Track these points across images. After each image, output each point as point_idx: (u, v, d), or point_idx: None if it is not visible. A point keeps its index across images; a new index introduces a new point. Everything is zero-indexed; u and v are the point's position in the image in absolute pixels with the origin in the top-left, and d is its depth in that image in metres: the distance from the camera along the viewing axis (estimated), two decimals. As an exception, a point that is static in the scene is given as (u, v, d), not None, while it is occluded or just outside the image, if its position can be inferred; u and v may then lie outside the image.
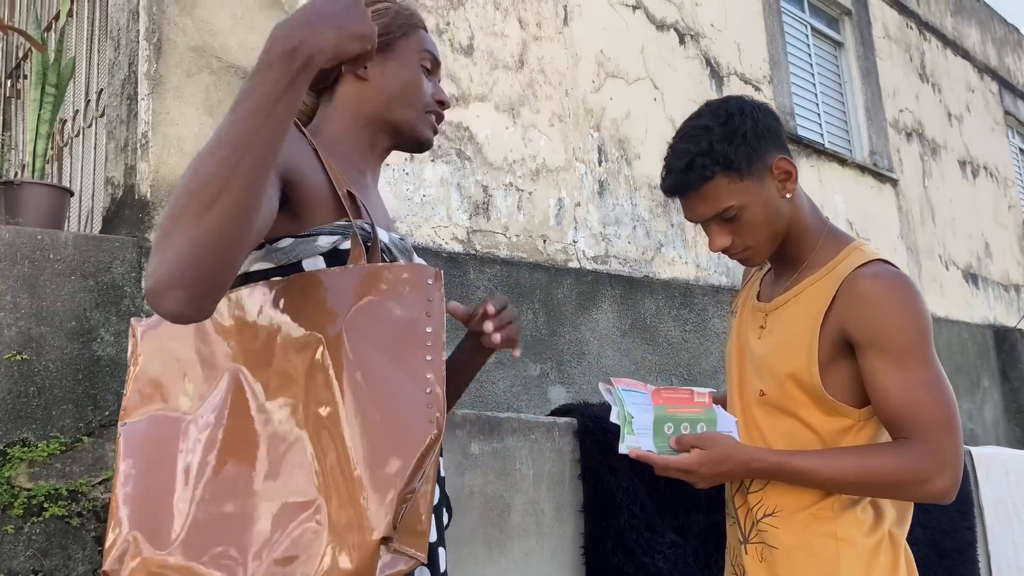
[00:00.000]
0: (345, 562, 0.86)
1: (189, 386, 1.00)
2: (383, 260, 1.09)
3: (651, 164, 3.78)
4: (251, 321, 0.99)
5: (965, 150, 6.61)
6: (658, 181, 3.76)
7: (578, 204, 3.43)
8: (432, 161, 2.95)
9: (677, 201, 1.45)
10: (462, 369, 1.29)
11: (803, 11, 5.38)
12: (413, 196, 2.88)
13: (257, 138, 0.84)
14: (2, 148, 2.27)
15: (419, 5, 3.02)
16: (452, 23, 3.13)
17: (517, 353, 1.22)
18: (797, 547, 1.36)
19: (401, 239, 1.19)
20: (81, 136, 2.84)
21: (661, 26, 4.04)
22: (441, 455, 1.18)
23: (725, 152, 1.34)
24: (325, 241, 1.04)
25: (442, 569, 1.14)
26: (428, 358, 0.96)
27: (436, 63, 1.26)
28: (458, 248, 2.96)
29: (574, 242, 3.38)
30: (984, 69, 7.25)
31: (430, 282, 1.00)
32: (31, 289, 1.97)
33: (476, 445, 1.84)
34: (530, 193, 3.26)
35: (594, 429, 2.09)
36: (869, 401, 1.34)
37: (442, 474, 1.19)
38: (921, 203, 5.82)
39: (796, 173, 1.40)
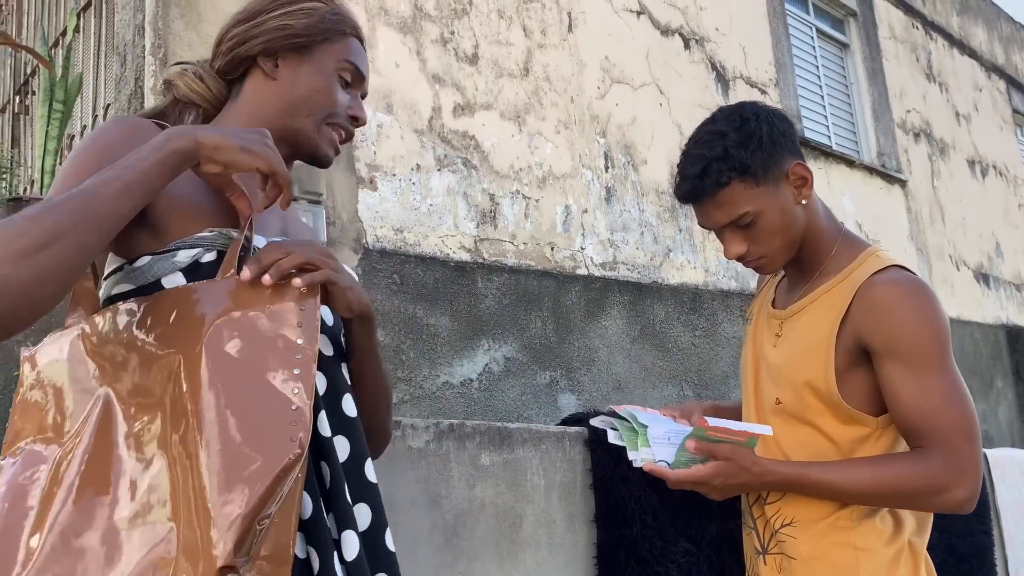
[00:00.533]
0: None
1: (64, 412, 0.96)
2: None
3: (658, 169, 3.77)
4: (116, 342, 0.95)
5: (974, 149, 6.58)
6: (665, 186, 3.77)
7: (585, 211, 3.43)
8: (438, 170, 2.95)
9: (686, 206, 1.43)
10: (353, 360, 1.15)
11: (808, 13, 5.36)
12: (420, 206, 2.87)
13: (103, 206, 0.85)
14: (11, 164, 2.28)
15: (423, 15, 3.03)
16: (457, 32, 3.13)
17: (298, 282, 0.96)
18: (816, 558, 1.34)
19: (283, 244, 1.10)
20: (89, 151, 2.86)
21: (666, 31, 4.03)
22: (364, 459, 1.09)
23: (741, 157, 1.32)
24: (184, 256, 0.99)
25: None
26: (296, 371, 0.91)
27: (359, 76, 1.17)
28: (465, 257, 2.96)
29: (582, 249, 3.37)
30: (991, 68, 7.21)
31: (303, 289, 0.95)
32: (40, 306, 1.97)
33: (486, 456, 1.83)
34: (537, 201, 3.25)
35: (605, 438, 2.08)
36: (887, 409, 1.33)
37: (372, 480, 1.10)
38: (930, 203, 5.79)
39: (812, 179, 1.38)
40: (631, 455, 1.35)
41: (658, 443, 1.33)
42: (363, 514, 1.08)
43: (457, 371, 2.80)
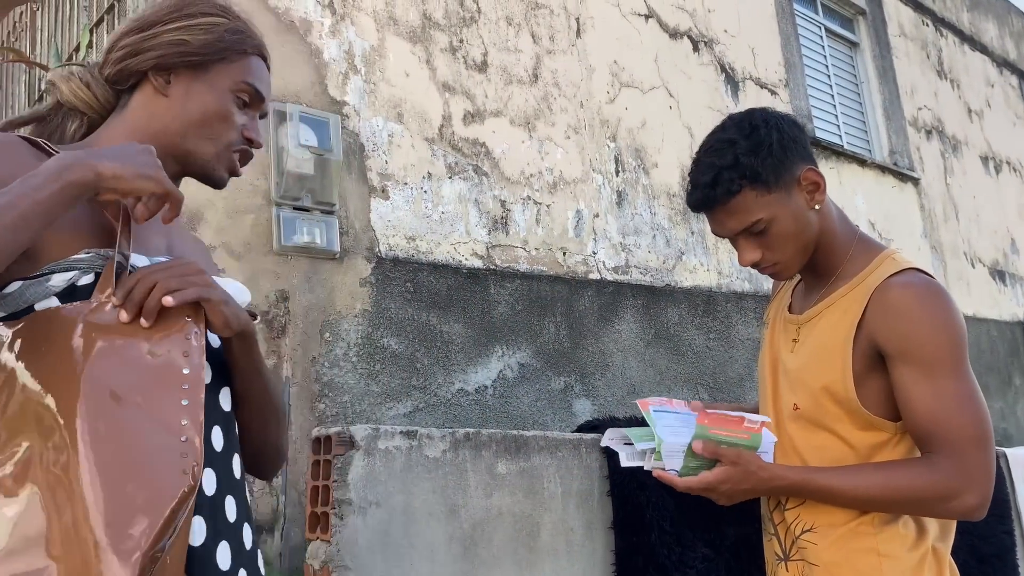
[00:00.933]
0: None
1: None
2: None
3: (669, 172, 3.77)
4: None
5: (987, 145, 6.53)
6: (677, 189, 3.77)
7: (596, 215, 3.42)
8: (450, 178, 2.96)
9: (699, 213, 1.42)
10: (237, 381, 1.09)
11: (816, 13, 5.35)
12: (432, 214, 2.88)
13: (5, 243, 0.82)
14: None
15: (432, 24, 3.04)
16: (466, 40, 3.14)
17: (170, 300, 0.92)
18: (838, 563, 1.33)
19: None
20: (103, 166, 2.88)
21: (674, 34, 4.03)
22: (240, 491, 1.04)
23: (751, 165, 1.32)
24: (59, 280, 0.93)
25: None
26: (184, 403, 0.88)
27: (257, 96, 1.12)
28: (478, 264, 2.96)
29: (594, 253, 3.36)
30: (1003, 63, 7.16)
31: (188, 318, 0.92)
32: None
33: (503, 465, 1.83)
34: (548, 206, 3.25)
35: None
36: None
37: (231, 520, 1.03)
38: (944, 201, 5.75)
39: (824, 184, 1.37)
40: (645, 464, 1.35)
41: (670, 455, 1.33)
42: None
43: (472, 378, 2.80)
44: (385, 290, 2.67)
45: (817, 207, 1.37)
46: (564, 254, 3.25)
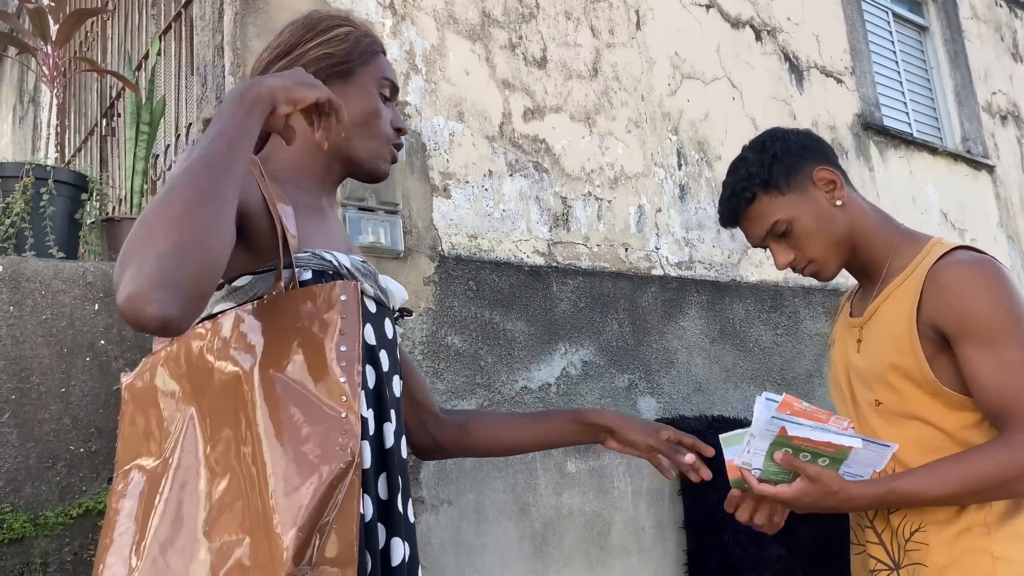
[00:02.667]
0: None
1: (158, 435, 1.02)
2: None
3: (732, 165, 3.69)
4: (195, 362, 1.00)
5: (1066, 130, 6.25)
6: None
7: (659, 210, 3.38)
8: (510, 175, 2.95)
9: (735, 229, 1.55)
10: (545, 439, 1.28)
11: (883, -3, 5.19)
12: (493, 211, 2.88)
13: (222, 159, 0.89)
14: (102, 186, 2.37)
15: (491, 21, 3.03)
16: (525, 36, 3.12)
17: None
18: (949, 565, 1.27)
19: (363, 262, 1.15)
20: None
21: (736, 23, 3.95)
22: (405, 496, 1.14)
23: (760, 173, 1.43)
24: (285, 275, 1.02)
25: None
26: (342, 380, 0.94)
27: (395, 90, 1.23)
28: (540, 261, 2.94)
29: (657, 249, 3.32)
30: (1082, 43, 6.84)
31: (344, 298, 0.99)
32: (135, 322, 2.04)
33: (572, 464, 1.82)
34: (609, 202, 3.22)
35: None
36: None
37: (411, 520, 1.15)
38: (1021, 189, 5.52)
39: (841, 180, 1.43)
40: (734, 456, 1.31)
41: (756, 454, 1.28)
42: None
43: (535, 375, 2.79)
44: (448, 288, 2.67)
45: (839, 203, 1.43)
46: (626, 250, 3.22)
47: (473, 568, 1.60)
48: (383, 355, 1.12)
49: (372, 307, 1.13)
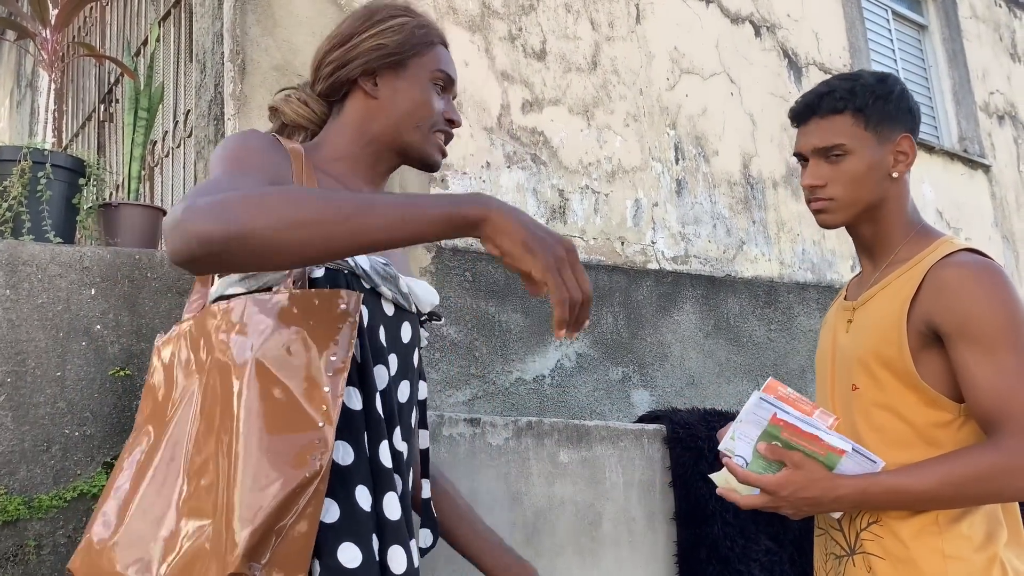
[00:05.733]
0: None
1: (168, 400, 1.06)
2: (347, 286, 1.07)
3: (730, 160, 3.70)
4: (203, 341, 1.03)
5: (1063, 131, 6.26)
6: (738, 177, 3.71)
7: (656, 204, 3.39)
8: (508, 167, 2.95)
9: (794, 128, 1.48)
10: (479, 563, 1.27)
11: (883, -5, 5.19)
12: (490, 203, 2.88)
13: (373, 230, 0.88)
14: (100, 171, 2.37)
15: (491, 12, 3.03)
16: (524, 28, 3.13)
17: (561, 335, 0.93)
18: (903, 561, 1.30)
19: (385, 264, 1.14)
20: (171, 156, 2.95)
21: (736, 19, 3.95)
22: (424, 476, 1.19)
23: (864, 97, 1.39)
24: (295, 271, 1.04)
25: None
26: (326, 390, 0.95)
27: (450, 81, 1.23)
28: (536, 253, 2.95)
29: (653, 243, 3.33)
30: (1081, 45, 6.86)
31: (343, 307, 0.99)
32: (131, 307, 2.04)
33: (565, 454, 1.83)
34: (606, 195, 3.23)
35: (684, 436, 2.05)
36: None
37: (425, 495, 1.19)
38: (1017, 188, 5.54)
39: (913, 157, 1.42)
40: (721, 443, 1.33)
41: (741, 439, 1.30)
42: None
43: (530, 367, 2.80)
44: (444, 279, 2.68)
45: (896, 175, 1.41)
46: (623, 244, 3.23)
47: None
48: (392, 358, 1.12)
49: (389, 310, 1.14)
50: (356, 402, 1.03)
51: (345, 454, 1.01)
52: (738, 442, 1.31)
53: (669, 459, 2.05)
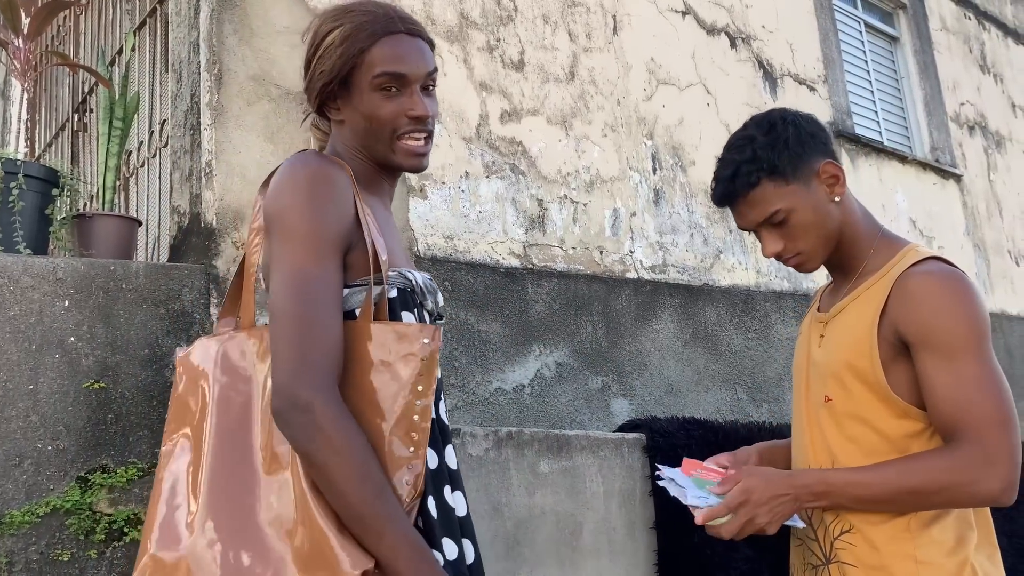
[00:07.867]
0: None
1: (199, 413, 1.08)
2: (415, 306, 1.14)
3: (707, 170, 3.73)
4: (237, 365, 1.09)
5: (1031, 141, 6.38)
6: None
7: (634, 214, 3.40)
8: (487, 177, 2.96)
9: (725, 209, 1.49)
10: None
11: (856, 7, 5.26)
12: (469, 213, 2.88)
13: (380, 515, 0.99)
14: (73, 182, 2.34)
15: (469, 23, 3.04)
16: (503, 39, 3.14)
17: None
18: (876, 567, 1.31)
19: (430, 279, 1.21)
20: (146, 166, 2.92)
21: (712, 30, 3.99)
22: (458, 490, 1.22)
23: (769, 158, 1.38)
24: (374, 292, 1.08)
25: None
26: (415, 418, 1.01)
27: (397, 77, 1.14)
28: (515, 263, 2.96)
29: (631, 252, 3.34)
30: (1048, 57, 6.99)
31: (426, 341, 1.04)
32: (106, 319, 2.02)
33: (545, 464, 1.83)
34: (585, 205, 3.24)
35: (663, 445, 2.06)
36: None
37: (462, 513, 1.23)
38: (987, 198, 5.63)
39: (843, 177, 1.42)
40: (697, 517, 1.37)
41: (697, 500, 1.35)
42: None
43: (509, 377, 2.80)
44: (423, 289, 2.68)
45: (837, 199, 1.41)
46: (601, 253, 3.24)
47: (445, 567, 1.61)
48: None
49: (427, 319, 1.19)
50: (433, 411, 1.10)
51: (430, 459, 1.08)
52: (696, 500, 1.35)
53: (649, 468, 2.06)
